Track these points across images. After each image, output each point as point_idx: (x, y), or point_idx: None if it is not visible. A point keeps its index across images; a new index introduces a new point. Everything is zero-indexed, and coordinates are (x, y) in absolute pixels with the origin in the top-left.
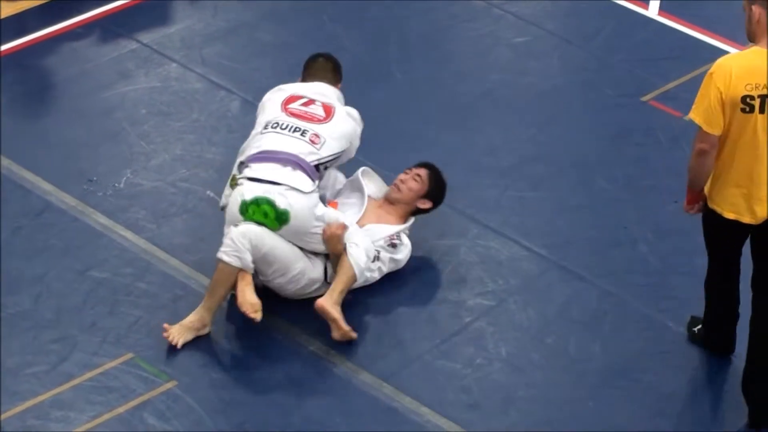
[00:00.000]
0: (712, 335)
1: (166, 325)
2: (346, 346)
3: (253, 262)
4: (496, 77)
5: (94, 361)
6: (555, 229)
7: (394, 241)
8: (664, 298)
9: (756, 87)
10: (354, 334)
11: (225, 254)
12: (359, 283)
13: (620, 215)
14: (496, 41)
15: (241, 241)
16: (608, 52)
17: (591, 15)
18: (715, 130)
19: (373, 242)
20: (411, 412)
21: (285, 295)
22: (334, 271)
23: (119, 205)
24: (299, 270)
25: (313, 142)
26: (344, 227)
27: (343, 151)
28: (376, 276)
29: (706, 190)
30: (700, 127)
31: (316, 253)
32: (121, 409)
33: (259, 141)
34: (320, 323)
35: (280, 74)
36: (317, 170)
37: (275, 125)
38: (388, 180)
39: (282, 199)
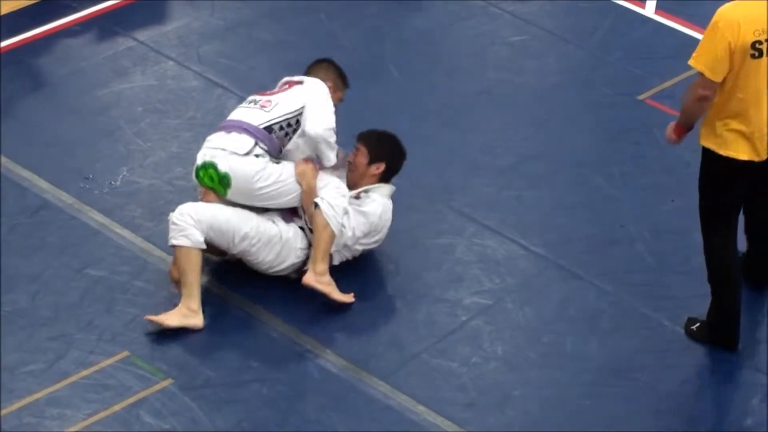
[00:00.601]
0: (716, 332)
1: (148, 317)
2: (344, 345)
3: (209, 237)
4: (494, 76)
5: (90, 359)
6: (552, 227)
7: (359, 195)
8: (661, 297)
9: (763, 32)
10: (351, 299)
11: (173, 239)
12: (338, 245)
13: (617, 214)
14: (494, 40)
15: (182, 219)
16: (605, 50)
17: (588, 14)
18: (719, 78)
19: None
20: (408, 410)
21: (274, 270)
22: (310, 223)
23: (116, 203)
24: (252, 227)
25: (263, 107)
26: (306, 161)
27: (297, 111)
28: (349, 234)
29: (713, 142)
30: (701, 75)
31: (288, 215)
32: (117, 407)
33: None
34: (317, 323)
35: (277, 72)
36: (269, 132)
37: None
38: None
39: (224, 162)
